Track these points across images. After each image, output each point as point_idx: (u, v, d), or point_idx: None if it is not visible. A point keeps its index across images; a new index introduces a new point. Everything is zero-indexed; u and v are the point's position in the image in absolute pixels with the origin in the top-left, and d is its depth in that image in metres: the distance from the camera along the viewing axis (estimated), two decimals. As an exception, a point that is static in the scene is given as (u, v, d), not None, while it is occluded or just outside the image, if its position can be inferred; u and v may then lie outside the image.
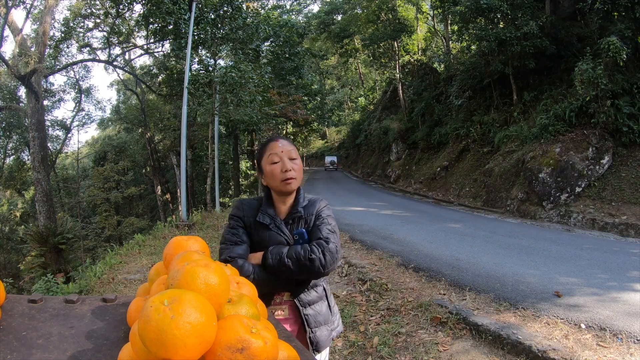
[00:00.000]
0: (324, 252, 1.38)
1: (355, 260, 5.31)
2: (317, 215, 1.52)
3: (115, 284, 5.70)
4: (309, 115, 23.74)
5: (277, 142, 1.52)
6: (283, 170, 1.46)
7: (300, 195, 1.55)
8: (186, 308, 0.53)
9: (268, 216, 1.50)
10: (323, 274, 1.40)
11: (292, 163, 1.49)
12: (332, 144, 49.74)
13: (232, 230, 1.50)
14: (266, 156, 1.50)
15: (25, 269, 14.46)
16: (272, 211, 1.51)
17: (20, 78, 14.07)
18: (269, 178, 1.50)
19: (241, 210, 1.54)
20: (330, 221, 1.51)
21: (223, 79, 12.85)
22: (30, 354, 0.66)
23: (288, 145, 1.52)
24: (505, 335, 2.91)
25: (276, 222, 1.49)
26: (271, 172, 1.48)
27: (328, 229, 1.46)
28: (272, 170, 1.48)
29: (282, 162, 1.47)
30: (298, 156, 1.53)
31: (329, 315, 1.55)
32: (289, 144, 1.53)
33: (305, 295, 1.50)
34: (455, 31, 17.44)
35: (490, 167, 12.28)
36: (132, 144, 29.39)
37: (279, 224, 1.49)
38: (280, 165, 1.47)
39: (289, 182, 1.47)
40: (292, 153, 1.50)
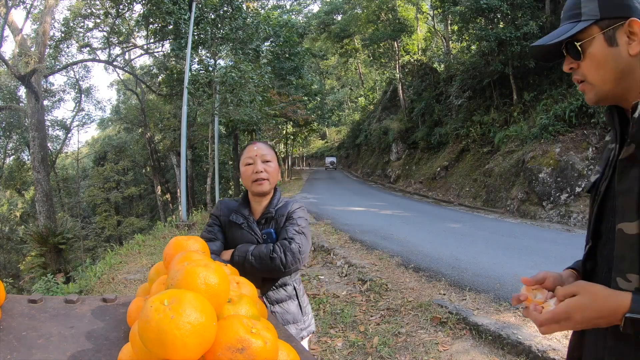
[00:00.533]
0: (285, 252, 1.43)
1: (355, 260, 5.31)
2: (288, 216, 1.58)
3: (115, 284, 5.70)
4: (309, 115, 23.75)
5: (253, 146, 1.60)
6: (254, 172, 1.54)
7: (275, 196, 1.62)
8: (186, 308, 0.53)
9: (241, 216, 1.58)
10: (284, 273, 1.44)
11: (264, 165, 1.56)
12: (332, 144, 49.77)
13: (208, 228, 1.60)
14: (243, 158, 1.59)
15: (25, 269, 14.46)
16: (247, 211, 1.59)
17: (20, 78, 14.07)
18: (243, 179, 1.59)
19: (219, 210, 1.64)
20: (300, 222, 1.55)
21: (223, 79, 12.85)
22: (30, 354, 0.66)
23: (263, 149, 1.58)
24: (505, 335, 2.91)
25: (249, 221, 1.56)
26: (244, 173, 1.57)
27: (295, 230, 1.51)
28: (245, 171, 1.57)
29: (254, 164, 1.55)
30: (274, 159, 1.60)
31: (299, 315, 1.60)
32: (266, 148, 1.60)
33: (274, 293, 1.56)
34: (455, 31, 17.45)
35: (490, 167, 12.28)
36: (132, 144, 29.39)
37: (251, 224, 1.56)
38: (252, 167, 1.55)
39: (260, 183, 1.55)
40: (266, 156, 1.57)
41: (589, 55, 0.77)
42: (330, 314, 3.75)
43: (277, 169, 1.61)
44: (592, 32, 0.76)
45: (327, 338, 3.28)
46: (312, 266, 5.60)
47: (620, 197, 0.75)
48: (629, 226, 0.72)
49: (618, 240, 0.74)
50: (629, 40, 0.74)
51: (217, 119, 15.03)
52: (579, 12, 0.79)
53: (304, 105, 22.69)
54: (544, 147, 10.03)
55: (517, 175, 10.60)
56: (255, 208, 1.62)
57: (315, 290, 4.49)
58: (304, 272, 5.25)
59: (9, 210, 25.93)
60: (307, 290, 4.50)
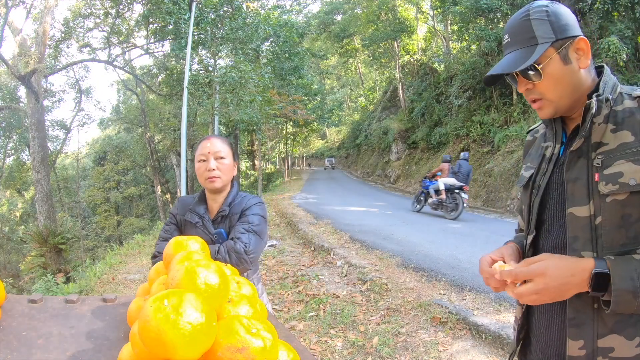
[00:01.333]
0: (229, 252, 1.39)
1: (355, 260, 5.31)
2: (242, 213, 1.53)
3: (115, 284, 5.70)
4: (309, 115, 23.72)
5: (207, 142, 1.54)
6: (207, 169, 1.50)
7: (231, 193, 1.57)
8: (186, 308, 0.53)
9: (197, 214, 1.53)
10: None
11: (218, 162, 1.51)
12: (332, 144, 49.76)
13: (165, 227, 1.58)
14: (196, 154, 1.54)
15: (25, 269, 14.46)
16: (203, 209, 1.55)
17: (20, 78, 14.07)
18: (197, 175, 1.55)
19: (176, 208, 1.60)
20: (252, 219, 1.50)
21: (223, 79, 12.85)
22: (30, 354, 0.66)
23: (217, 145, 1.53)
24: (505, 335, 2.91)
25: (204, 220, 1.52)
26: (198, 170, 1.53)
27: (244, 228, 1.46)
28: (198, 168, 1.53)
29: (207, 161, 1.51)
30: (228, 155, 1.54)
31: None
32: (220, 143, 1.54)
33: None
34: (455, 31, 17.46)
35: (490, 167, 12.28)
36: (132, 144, 29.39)
37: (206, 222, 1.52)
38: (205, 164, 1.51)
39: (212, 180, 1.50)
40: (219, 152, 1.52)
41: (547, 75, 0.85)
42: (330, 314, 3.75)
43: (231, 165, 1.56)
44: (549, 54, 0.84)
45: (327, 338, 3.28)
46: (312, 266, 5.60)
47: (569, 184, 0.85)
48: (580, 210, 0.82)
49: (570, 223, 0.84)
50: (577, 56, 0.84)
51: (217, 119, 15.02)
52: (532, 36, 0.85)
53: (304, 105, 22.67)
54: (544, 147, 10.02)
55: (517, 175, 10.59)
56: (211, 205, 1.57)
57: (315, 290, 4.49)
58: (304, 272, 5.25)
59: (9, 210, 25.94)
60: (307, 290, 4.50)
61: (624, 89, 0.87)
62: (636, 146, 0.79)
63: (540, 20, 0.85)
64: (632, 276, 0.74)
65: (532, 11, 0.86)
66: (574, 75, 0.85)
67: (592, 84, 0.87)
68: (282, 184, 25.11)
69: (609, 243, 0.80)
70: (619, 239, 0.79)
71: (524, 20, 0.86)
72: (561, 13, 0.85)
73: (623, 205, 0.78)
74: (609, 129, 0.83)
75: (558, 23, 0.84)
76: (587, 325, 0.81)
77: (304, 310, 3.93)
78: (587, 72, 0.87)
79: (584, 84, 0.86)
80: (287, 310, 3.99)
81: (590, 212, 0.81)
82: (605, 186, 0.80)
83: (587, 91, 0.87)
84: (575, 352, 0.83)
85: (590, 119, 0.83)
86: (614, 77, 0.89)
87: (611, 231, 0.80)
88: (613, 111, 0.84)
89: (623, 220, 0.79)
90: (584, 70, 0.86)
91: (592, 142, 0.84)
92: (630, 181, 0.77)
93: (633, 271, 0.74)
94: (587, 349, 0.81)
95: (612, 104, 0.84)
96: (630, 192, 0.77)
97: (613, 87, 0.86)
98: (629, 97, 0.84)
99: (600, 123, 0.83)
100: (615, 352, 0.80)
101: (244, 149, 26.26)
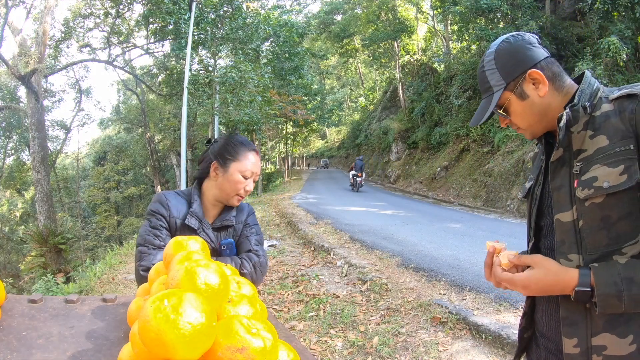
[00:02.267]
0: (254, 266, 1.33)
1: (355, 260, 5.31)
2: (246, 223, 1.46)
3: (115, 284, 5.70)
4: (309, 115, 23.73)
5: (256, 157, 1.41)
6: (246, 189, 1.38)
7: None
8: (186, 308, 0.53)
9: (197, 219, 1.36)
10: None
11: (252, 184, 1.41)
12: (332, 144, 49.76)
13: (154, 231, 1.31)
14: (241, 163, 1.37)
15: (25, 269, 14.46)
16: (201, 213, 1.39)
17: (20, 78, 14.08)
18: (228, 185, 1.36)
19: (165, 208, 1.35)
20: (258, 230, 1.47)
21: (223, 79, 12.86)
22: (30, 354, 0.66)
23: (258, 166, 1.42)
24: (505, 335, 2.91)
25: (204, 226, 1.37)
26: (235, 184, 1.36)
27: (257, 240, 1.42)
28: (237, 182, 1.36)
29: (249, 180, 1.38)
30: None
31: None
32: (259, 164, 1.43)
33: None
34: (455, 31, 17.47)
35: (490, 167, 12.28)
36: (132, 144, 29.41)
37: (206, 229, 1.37)
38: (246, 182, 1.37)
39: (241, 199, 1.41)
40: (257, 175, 1.41)
41: (513, 112, 0.95)
42: (330, 314, 3.75)
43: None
44: (506, 96, 0.93)
45: (327, 338, 3.28)
46: (312, 266, 5.60)
47: (554, 192, 0.90)
48: (564, 215, 0.87)
49: (557, 228, 0.89)
50: (534, 87, 0.91)
51: (217, 119, 15.03)
52: (489, 86, 0.95)
53: (304, 105, 22.69)
54: (544, 147, 10.03)
55: (517, 175, 10.60)
56: (209, 210, 1.42)
57: (315, 290, 4.49)
58: (304, 272, 5.25)
59: (9, 210, 25.94)
60: (307, 290, 4.50)
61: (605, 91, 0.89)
62: (610, 149, 0.82)
63: (491, 71, 0.94)
64: (616, 281, 0.78)
65: (485, 62, 0.95)
66: (534, 106, 0.92)
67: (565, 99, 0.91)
68: (282, 184, 25.12)
69: (592, 245, 0.83)
70: (601, 240, 0.82)
71: (482, 73, 0.97)
72: (508, 54, 0.92)
73: (601, 207, 0.82)
74: (587, 135, 0.86)
75: (505, 68, 0.92)
76: (580, 324, 0.84)
77: (304, 310, 3.93)
78: (552, 93, 0.91)
79: (551, 106, 0.91)
80: (287, 310, 3.99)
81: (574, 216, 0.85)
82: (582, 191, 0.84)
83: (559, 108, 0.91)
84: (570, 349, 0.86)
85: (564, 130, 0.86)
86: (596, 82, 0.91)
87: (593, 233, 0.83)
88: (592, 117, 0.86)
89: (603, 222, 0.82)
90: (548, 94, 0.91)
91: (573, 150, 0.88)
92: (604, 184, 0.81)
93: (616, 276, 0.78)
94: (581, 347, 0.84)
95: (589, 110, 0.86)
96: (607, 195, 0.81)
97: (592, 94, 0.89)
98: (606, 100, 0.87)
99: (579, 131, 0.86)
100: (608, 350, 0.81)
101: (244, 149, 26.19)
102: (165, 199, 1.37)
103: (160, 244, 1.30)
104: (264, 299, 4.28)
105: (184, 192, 1.42)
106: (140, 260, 1.28)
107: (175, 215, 1.35)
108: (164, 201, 1.36)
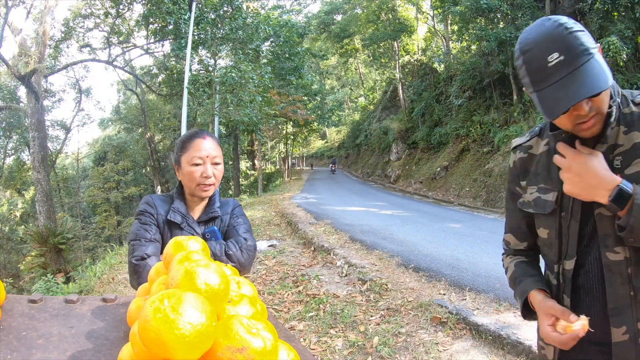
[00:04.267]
0: (241, 249, 1.34)
1: (355, 260, 5.31)
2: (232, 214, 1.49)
3: (115, 284, 5.70)
4: (309, 115, 23.72)
5: (203, 142, 1.36)
6: (203, 176, 1.35)
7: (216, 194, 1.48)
8: (186, 308, 0.53)
9: (179, 214, 1.40)
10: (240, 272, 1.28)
11: (214, 168, 1.37)
12: (332, 144, 49.72)
13: (144, 227, 1.36)
14: (188, 154, 1.36)
15: (25, 269, 14.47)
16: (184, 209, 1.42)
17: (20, 78, 14.08)
18: (186, 178, 1.38)
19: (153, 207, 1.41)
20: (246, 221, 1.49)
21: (223, 79, 12.86)
22: (30, 354, 0.66)
23: (215, 149, 1.38)
24: (505, 335, 2.91)
25: (188, 220, 1.41)
26: (190, 174, 1.36)
27: (245, 229, 1.45)
28: (191, 172, 1.35)
29: (204, 165, 1.35)
30: (222, 159, 1.42)
31: None
32: (216, 146, 1.40)
33: None
34: (455, 31, 17.47)
35: (490, 167, 12.28)
36: (132, 144, 29.41)
37: (191, 223, 1.41)
38: (201, 168, 1.35)
39: (207, 189, 1.38)
40: (216, 157, 1.38)
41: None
42: (330, 314, 3.75)
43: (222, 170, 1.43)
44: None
45: (327, 338, 3.28)
46: (312, 266, 5.60)
47: None
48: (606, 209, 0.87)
49: (599, 223, 0.89)
50: None
51: (217, 119, 15.03)
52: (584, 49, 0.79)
53: (304, 105, 22.68)
54: (544, 147, 10.02)
55: (517, 175, 10.60)
56: (192, 207, 1.45)
57: (315, 290, 4.49)
58: (304, 272, 5.25)
59: (9, 210, 25.94)
60: (307, 290, 4.50)
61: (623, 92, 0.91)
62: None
63: (581, 32, 0.80)
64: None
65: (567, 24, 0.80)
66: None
67: None
68: (282, 184, 25.12)
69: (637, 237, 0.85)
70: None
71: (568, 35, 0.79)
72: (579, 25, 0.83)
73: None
74: (621, 131, 0.88)
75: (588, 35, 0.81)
76: (627, 311, 0.87)
77: (304, 310, 3.93)
78: None
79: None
80: (287, 310, 3.99)
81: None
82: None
83: None
84: (619, 337, 0.89)
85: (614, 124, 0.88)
86: None
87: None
88: (622, 114, 0.88)
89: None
90: None
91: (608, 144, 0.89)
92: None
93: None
94: (629, 333, 0.88)
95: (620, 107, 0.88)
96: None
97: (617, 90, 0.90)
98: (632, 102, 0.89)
99: (613, 127, 0.88)
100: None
101: (244, 149, 26.26)
102: (152, 200, 1.45)
103: (152, 237, 1.35)
104: (264, 299, 4.28)
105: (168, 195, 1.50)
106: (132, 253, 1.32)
107: (161, 213, 1.41)
108: (150, 202, 1.44)
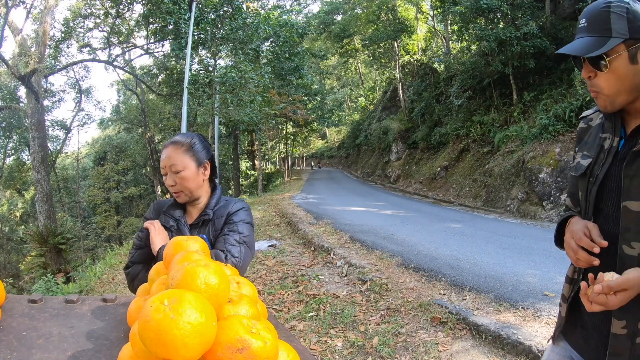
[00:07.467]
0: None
1: (355, 260, 5.31)
2: (228, 219, 1.39)
3: (115, 284, 5.70)
4: (309, 115, 23.73)
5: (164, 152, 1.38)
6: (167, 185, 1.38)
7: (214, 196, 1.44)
8: (186, 308, 0.53)
9: (172, 218, 1.40)
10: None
11: (176, 176, 1.35)
12: (332, 144, 49.72)
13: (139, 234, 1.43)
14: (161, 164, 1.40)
15: (25, 269, 14.47)
16: (179, 213, 1.41)
17: (20, 78, 14.08)
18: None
19: (150, 212, 1.46)
20: (241, 229, 1.36)
21: (223, 79, 12.85)
22: (30, 354, 0.66)
23: (173, 158, 1.36)
24: (505, 335, 2.91)
25: (180, 224, 1.39)
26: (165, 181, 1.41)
27: (235, 240, 1.32)
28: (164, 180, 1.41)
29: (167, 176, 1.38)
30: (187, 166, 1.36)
31: None
32: (176, 155, 1.36)
33: None
34: (455, 31, 17.45)
35: (490, 167, 12.28)
36: (132, 144, 29.41)
37: (181, 227, 1.38)
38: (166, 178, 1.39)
39: (177, 195, 1.39)
40: (176, 166, 1.35)
41: (612, 69, 0.87)
42: (330, 314, 3.75)
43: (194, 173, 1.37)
44: (618, 49, 0.86)
45: (327, 338, 3.28)
46: (312, 266, 5.60)
47: (626, 179, 0.88)
48: (634, 204, 0.86)
49: (623, 215, 0.88)
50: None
51: (217, 119, 15.03)
52: (608, 28, 0.87)
53: (304, 105, 22.68)
54: (544, 147, 10.03)
55: (517, 175, 10.60)
56: (190, 210, 1.45)
57: (315, 290, 4.49)
58: (304, 272, 5.25)
59: (9, 210, 25.93)
60: (307, 290, 4.50)
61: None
62: None
63: (619, 15, 0.86)
64: None
65: (613, 4, 0.87)
66: (636, 76, 0.87)
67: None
68: (282, 184, 25.12)
69: None
70: None
71: (604, 11, 0.87)
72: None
73: None
74: None
75: (635, 22, 0.85)
76: (632, 307, 0.86)
77: (304, 310, 3.93)
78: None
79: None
80: (287, 310, 3.99)
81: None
82: None
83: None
84: (618, 330, 0.89)
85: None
86: None
87: None
88: None
89: None
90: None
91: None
92: None
93: None
94: (628, 329, 0.88)
95: None
96: None
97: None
98: None
99: None
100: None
101: (244, 149, 26.24)
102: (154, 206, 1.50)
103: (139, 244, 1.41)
104: (264, 299, 4.28)
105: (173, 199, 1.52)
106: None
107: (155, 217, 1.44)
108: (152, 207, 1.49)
